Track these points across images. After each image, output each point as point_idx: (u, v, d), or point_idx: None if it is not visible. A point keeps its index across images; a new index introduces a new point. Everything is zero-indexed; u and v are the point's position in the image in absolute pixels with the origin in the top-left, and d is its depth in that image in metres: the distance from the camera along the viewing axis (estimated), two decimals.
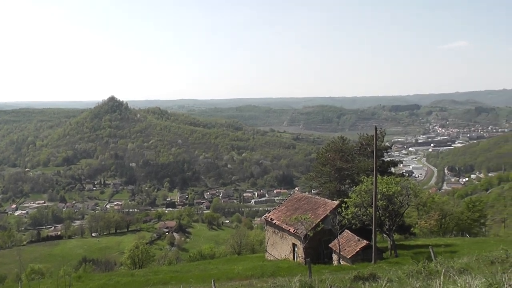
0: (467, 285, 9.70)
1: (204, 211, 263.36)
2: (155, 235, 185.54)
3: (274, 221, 55.07)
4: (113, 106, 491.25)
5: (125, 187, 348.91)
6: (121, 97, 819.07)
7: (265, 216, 60.30)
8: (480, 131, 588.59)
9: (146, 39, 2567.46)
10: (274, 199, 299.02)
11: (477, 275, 12.42)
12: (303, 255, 45.54)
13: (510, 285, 8.64)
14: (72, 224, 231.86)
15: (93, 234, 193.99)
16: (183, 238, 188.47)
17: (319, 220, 47.87)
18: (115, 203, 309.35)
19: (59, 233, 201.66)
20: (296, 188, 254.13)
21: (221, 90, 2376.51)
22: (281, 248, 54.03)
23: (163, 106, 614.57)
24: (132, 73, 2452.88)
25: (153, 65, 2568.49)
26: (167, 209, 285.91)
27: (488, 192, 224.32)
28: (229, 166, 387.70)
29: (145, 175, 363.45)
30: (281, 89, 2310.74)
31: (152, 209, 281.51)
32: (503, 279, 9.17)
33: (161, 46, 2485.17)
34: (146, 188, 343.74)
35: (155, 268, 63.97)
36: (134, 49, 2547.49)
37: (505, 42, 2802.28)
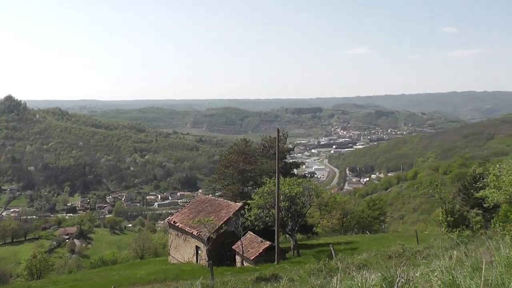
0: (363, 280, 9.98)
1: (106, 216, 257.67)
2: (54, 242, 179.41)
3: (177, 224, 54.69)
4: (10, 106, 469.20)
5: (22, 193, 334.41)
6: (20, 96, 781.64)
7: (168, 219, 59.86)
8: (380, 134, 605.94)
9: (46, 34, 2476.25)
10: (178, 202, 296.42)
11: (374, 270, 12.85)
12: (206, 257, 45.46)
13: (403, 278, 8.97)
14: None
15: None
16: (84, 245, 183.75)
17: (222, 222, 47.92)
18: (12, 210, 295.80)
19: None
20: (200, 191, 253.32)
21: (124, 91, 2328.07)
22: (184, 251, 53.73)
23: (64, 107, 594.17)
24: (32, 71, 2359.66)
25: (53, 63, 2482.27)
26: (68, 214, 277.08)
27: (387, 191, 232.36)
28: (132, 168, 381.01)
29: (44, 179, 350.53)
30: (185, 91, 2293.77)
31: (52, 215, 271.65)
32: (397, 272, 9.51)
33: (62, 43, 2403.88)
34: (46, 193, 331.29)
35: (54, 277, 61.85)
36: (35, 46, 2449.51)
37: (404, 50, 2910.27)
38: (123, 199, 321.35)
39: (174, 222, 55.78)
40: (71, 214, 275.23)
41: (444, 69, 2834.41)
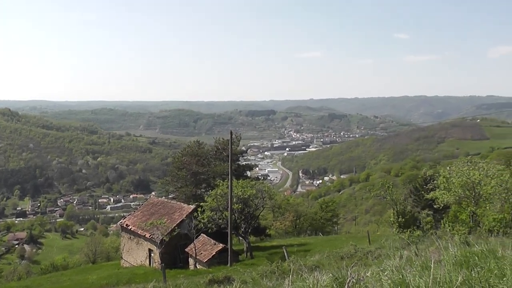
0: (315, 281, 10.02)
1: (57, 220, 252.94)
2: (3, 248, 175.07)
3: (129, 227, 54.14)
4: None
5: None
6: None
7: (121, 222, 59.19)
8: (333, 136, 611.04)
9: None
10: (130, 205, 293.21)
11: (326, 271, 12.91)
12: (159, 260, 45.11)
13: (353, 278, 9.03)
14: None
15: None
16: (34, 250, 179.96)
17: (175, 224, 47.63)
18: None
19: None
20: (153, 193, 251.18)
21: (76, 92, 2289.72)
22: (137, 254, 53.20)
23: (14, 107, 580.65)
24: None
25: (1, 63, 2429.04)
26: (18, 219, 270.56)
27: (340, 193, 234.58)
28: (84, 171, 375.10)
29: None
30: (138, 92, 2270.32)
31: (1, 220, 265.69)
32: (348, 272, 9.58)
33: (11, 41, 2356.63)
34: None
35: (3, 285, 60.49)
36: None
37: (357, 54, 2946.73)
38: (74, 202, 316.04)
39: (126, 225, 55.19)
40: (21, 219, 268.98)
41: (396, 74, 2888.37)
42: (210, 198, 48.61)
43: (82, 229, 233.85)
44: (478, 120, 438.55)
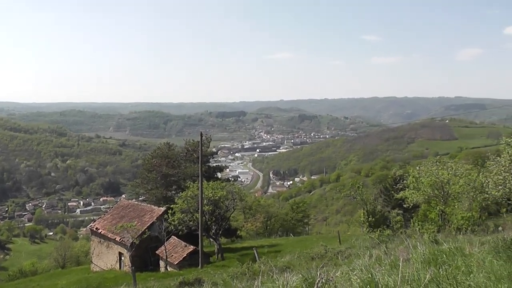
0: (285, 282, 10.03)
1: (26, 224, 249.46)
2: None
3: (99, 231, 53.70)
4: None
5: None
6: None
7: (90, 226, 58.70)
8: (304, 137, 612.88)
9: None
10: (101, 208, 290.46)
11: (296, 271, 12.95)
12: (130, 263, 44.82)
13: (323, 278, 9.05)
14: None
15: None
16: (1, 256, 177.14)
17: (145, 227, 47.36)
18: None
19: None
20: (123, 196, 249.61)
21: (44, 93, 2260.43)
22: (107, 258, 52.80)
23: None
24: None
25: None
26: None
27: (311, 193, 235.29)
28: (52, 174, 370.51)
29: None
30: (107, 93, 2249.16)
31: None
32: (318, 273, 9.60)
33: None
34: None
35: None
36: None
37: (326, 55, 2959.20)
38: (43, 206, 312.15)
39: (96, 228, 54.74)
40: None
41: (366, 75, 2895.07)
42: (180, 200, 48.47)
43: (52, 233, 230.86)
44: (447, 121, 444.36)
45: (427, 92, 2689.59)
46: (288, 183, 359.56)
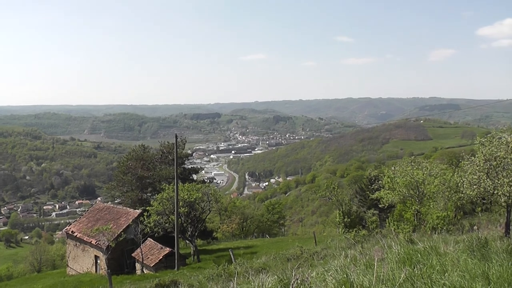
0: (260, 283, 10.03)
1: (1, 228, 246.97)
2: None
3: (75, 234, 53.24)
4: None
5: None
6: None
7: (66, 229, 58.19)
8: (279, 138, 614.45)
9: None
10: (76, 211, 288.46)
11: (272, 273, 12.96)
12: (106, 266, 44.49)
13: (298, 279, 9.07)
14: None
15: None
16: None
17: (121, 230, 47.10)
18: None
19: None
20: (98, 198, 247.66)
21: (18, 96, 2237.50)
22: (83, 262, 52.39)
23: None
24: None
25: None
26: None
27: (287, 195, 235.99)
28: (27, 177, 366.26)
29: None
30: (81, 95, 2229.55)
31: None
32: (293, 274, 9.61)
33: None
34: None
35: None
36: None
37: (300, 57, 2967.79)
38: (19, 210, 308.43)
39: (72, 232, 54.27)
40: None
41: (340, 76, 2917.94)
42: (156, 202, 48.28)
43: (27, 237, 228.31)
44: (421, 121, 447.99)
45: (402, 93, 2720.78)
46: (264, 184, 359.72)
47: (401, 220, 39.44)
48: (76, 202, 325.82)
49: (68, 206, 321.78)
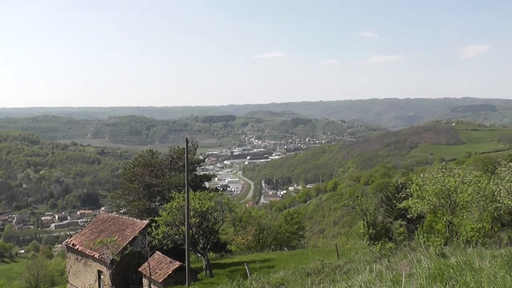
0: None
1: None
2: None
3: (76, 247, 53.33)
4: None
5: None
6: None
7: (66, 242, 58.24)
8: (297, 143, 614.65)
9: None
10: (78, 222, 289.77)
11: None
12: (110, 282, 44.60)
13: None
14: None
15: None
16: None
17: (127, 242, 47.08)
18: None
19: None
20: (102, 208, 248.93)
21: (14, 98, 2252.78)
22: (85, 277, 52.42)
23: None
24: None
25: None
26: None
27: (306, 204, 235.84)
28: (24, 186, 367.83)
29: None
30: (84, 97, 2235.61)
31: None
32: None
33: None
34: None
35: None
36: None
37: (320, 54, 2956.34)
38: (14, 221, 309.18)
39: (73, 244, 54.37)
40: None
41: (364, 75, 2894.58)
42: (165, 212, 48.23)
43: (23, 251, 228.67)
44: (453, 124, 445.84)
45: (431, 92, 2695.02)
46: (282, 192, 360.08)
47: (431, 232, 39.15)
48: (78, 212, 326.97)
49: (68, 217, 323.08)
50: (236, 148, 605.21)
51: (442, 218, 38.69)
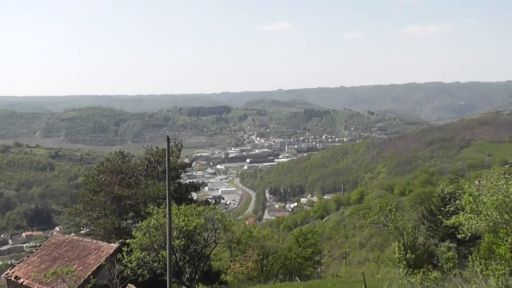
0: None
1: None
2: None
3: (20, 280, 53.07)
4: None
5: None
6: None
7: (7, 274, 58.13)
8: (312, 141, 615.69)
9: None
10: (23, 247, 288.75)
11: None
12: None
13: None
14: None
15: None
16: None
17: (89, 273, 47.05)
18: None
19: None
20: (56, 228, 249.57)
21: None
22: None
23: None
24: None
25: None
26: None
27: (324, 220, 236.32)
28: None
29: None
30: (31, 84, 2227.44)
31: None
32: None
33: None
34: None
35: None
36: None
37: (339, 26, 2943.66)
38: None
39: (16, 277, 54.13)
40: None
41: (398, 53, 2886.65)
42: (140, 233, 48.11)
43: None
44: None
45: (489, 75, 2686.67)
46: (292, 205, 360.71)
47: (491, 257, 39.04)
48: (23, 235, 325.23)
49: (10, 241, 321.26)
50: (232, 149, 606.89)
51: (506, 239, 38.51)
